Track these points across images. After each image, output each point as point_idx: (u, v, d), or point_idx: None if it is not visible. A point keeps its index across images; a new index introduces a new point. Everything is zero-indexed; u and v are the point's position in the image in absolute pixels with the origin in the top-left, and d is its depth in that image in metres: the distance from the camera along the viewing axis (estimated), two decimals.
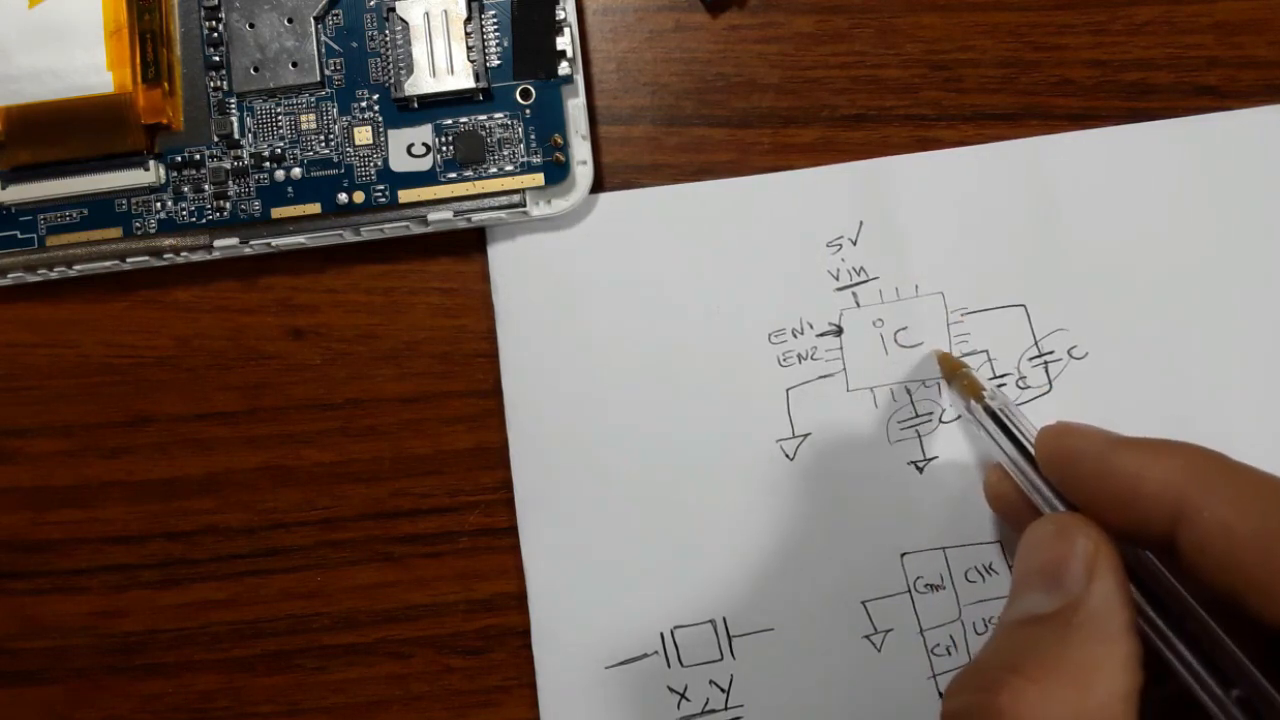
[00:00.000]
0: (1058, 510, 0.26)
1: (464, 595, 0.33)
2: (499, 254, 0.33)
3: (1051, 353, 0.32)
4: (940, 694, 0.31)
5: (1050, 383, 0.32)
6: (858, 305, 0.33)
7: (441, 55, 0.32)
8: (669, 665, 0.32)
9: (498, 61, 0.32)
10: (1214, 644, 0.22)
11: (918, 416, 0.32)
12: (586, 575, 0.32)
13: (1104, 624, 0.22)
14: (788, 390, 0.32)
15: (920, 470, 0.32)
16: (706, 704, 0.31)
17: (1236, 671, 0.21)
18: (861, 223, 0.33)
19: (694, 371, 0.32)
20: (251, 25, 0.32)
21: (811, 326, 0.33)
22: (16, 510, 0.33)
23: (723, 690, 0.31)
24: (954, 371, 0.31)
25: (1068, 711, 0.21)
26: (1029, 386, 0.32)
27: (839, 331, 0.33)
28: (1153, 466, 0.24)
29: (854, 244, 0.33)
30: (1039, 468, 0.27)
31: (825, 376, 0.32)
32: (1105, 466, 0.24)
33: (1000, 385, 0.32)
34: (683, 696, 0.31)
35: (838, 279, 0.33)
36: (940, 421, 0.32)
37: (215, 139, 0.32)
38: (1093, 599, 0.22)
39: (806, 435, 0.32)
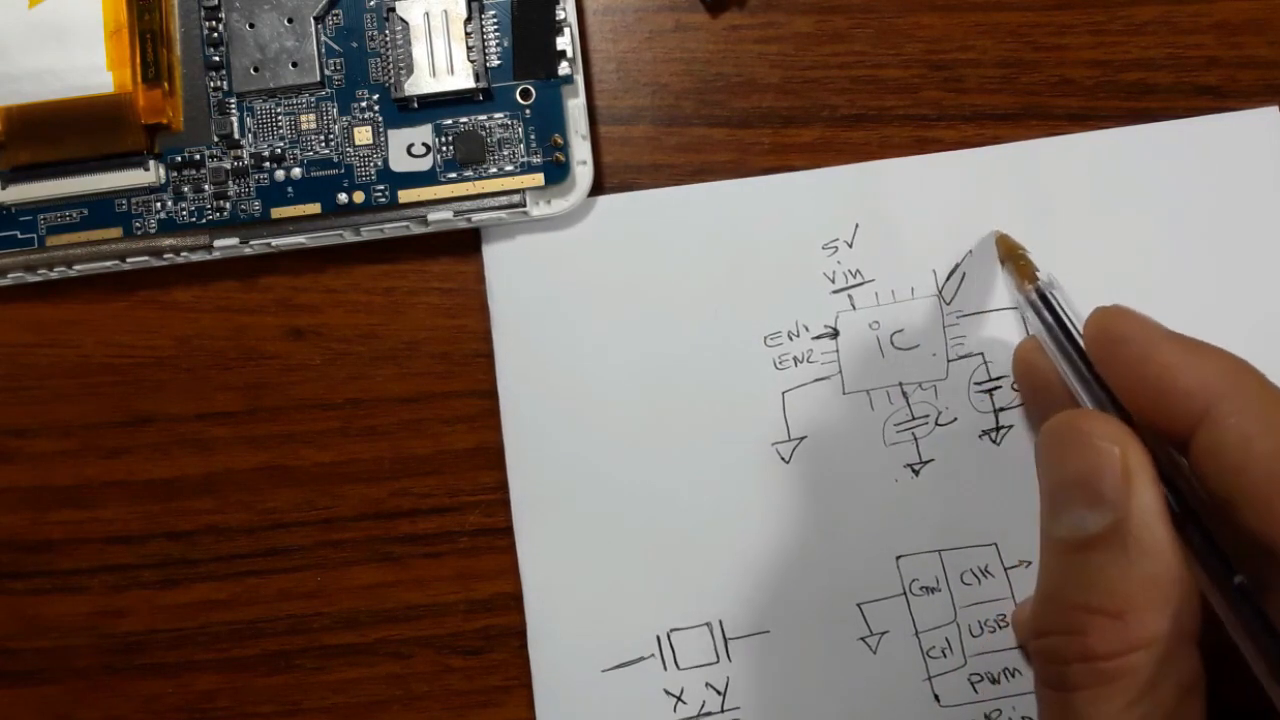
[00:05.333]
0: (1085, 398, 0.26)
1: (464, 595, 0.33)
2: (494, 255, 0.33)
3: None
4: (936, 696, 0.31)
5: None
6: (853, 308, 0.33)
7: (441, 55, 0.32)
8: (665, 668, 0.32)
9: (498, 61, 0.32)
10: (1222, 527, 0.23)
11: (914, 419, 0.32)
12: (582, 578, 0.32)
13: (1151, 540, 0.22)
14: (783, 393, 0.32)
15: (916, 473, 0.32)
16: (703, 707, 0.32)
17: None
18: (857, 225, 0.33)
19: (690, 374, 0.32)
20: (251, 25, 0.32)
21: (807, 329, 0.33)
22: (16, 510, 0.33)
23: (719, 693, 0.32)
24: (1010, 253, 0.31)
25: (1159, 638, 0.21)
26: None
27: (835, 334, 0.33)
28: (1192, 364, 0.24)
29: (850, 246, 0.33)
30: (1081, 350, 0.27)
31: (821, 379, 0.32)
32: (1148, 353, 0.25)
33: (995, 389, 0.32)
34: (679, 699, 0.32)
35: (834, 281, 0.33)
36: (936, 424, 0.32)
37: (215, 139, 0.32)
38: (1134, 517, 0.22)
39: (802, 438, 0.32)
